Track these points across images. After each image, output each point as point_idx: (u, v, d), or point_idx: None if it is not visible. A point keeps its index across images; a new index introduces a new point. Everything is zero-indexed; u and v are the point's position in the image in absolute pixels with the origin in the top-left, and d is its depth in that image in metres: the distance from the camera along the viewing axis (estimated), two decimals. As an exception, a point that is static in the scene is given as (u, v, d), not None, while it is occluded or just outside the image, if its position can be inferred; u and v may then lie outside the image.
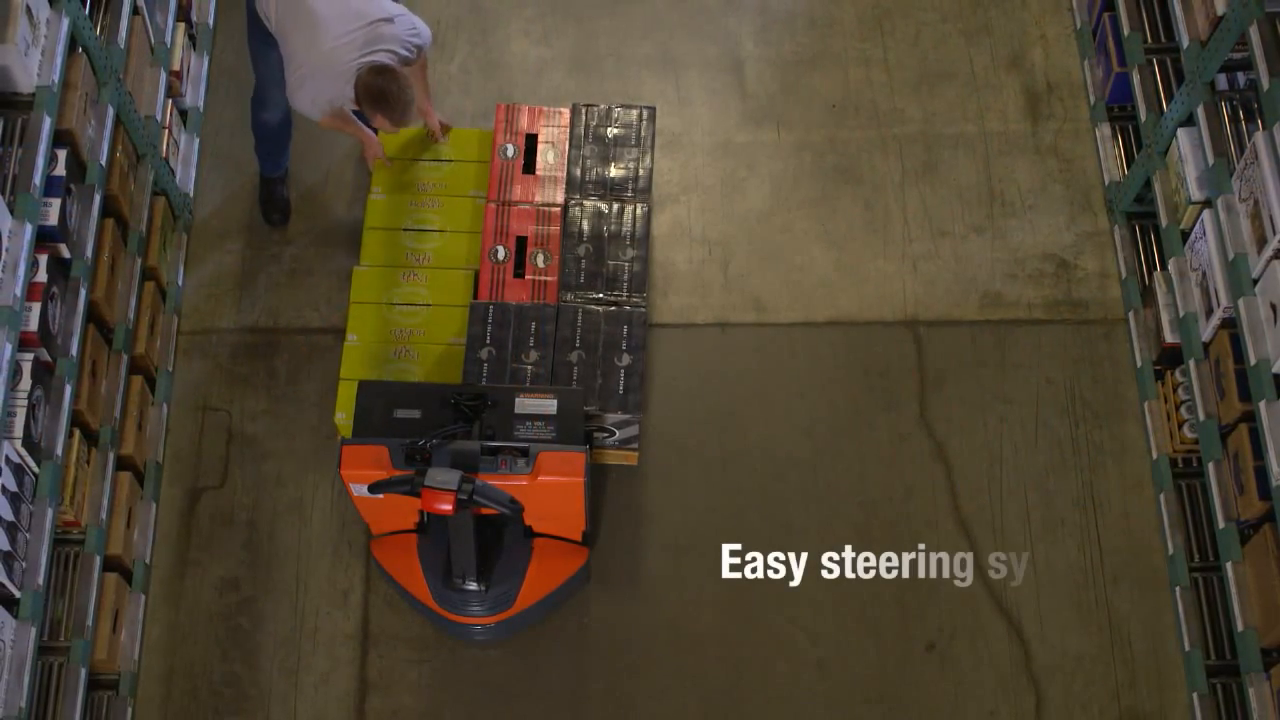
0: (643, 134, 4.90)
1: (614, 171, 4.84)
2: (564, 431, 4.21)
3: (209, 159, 5.46)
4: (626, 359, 4.54)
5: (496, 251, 4.69)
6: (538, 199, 4.80)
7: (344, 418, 4.55)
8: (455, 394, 4.19)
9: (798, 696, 4.57)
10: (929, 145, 5.49)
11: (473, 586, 4.31)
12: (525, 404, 4.23)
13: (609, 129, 4.89)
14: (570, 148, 4.86)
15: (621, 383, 4.51)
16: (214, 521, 4.82)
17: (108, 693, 4.40)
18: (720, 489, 4.86)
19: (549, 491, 4.11)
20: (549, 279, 4.69)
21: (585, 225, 4.74)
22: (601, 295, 4.65)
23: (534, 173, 4.85)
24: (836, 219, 5.37)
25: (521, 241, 4.74)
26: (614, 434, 4.59)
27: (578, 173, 4.82)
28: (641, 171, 4.85)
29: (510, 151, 4.85)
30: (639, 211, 4.78)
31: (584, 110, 4.91)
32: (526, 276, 4.69)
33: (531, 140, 4.90)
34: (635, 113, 4.93)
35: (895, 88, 5.63)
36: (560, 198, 4.80)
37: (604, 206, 4.76)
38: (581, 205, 4.76)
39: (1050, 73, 5.63)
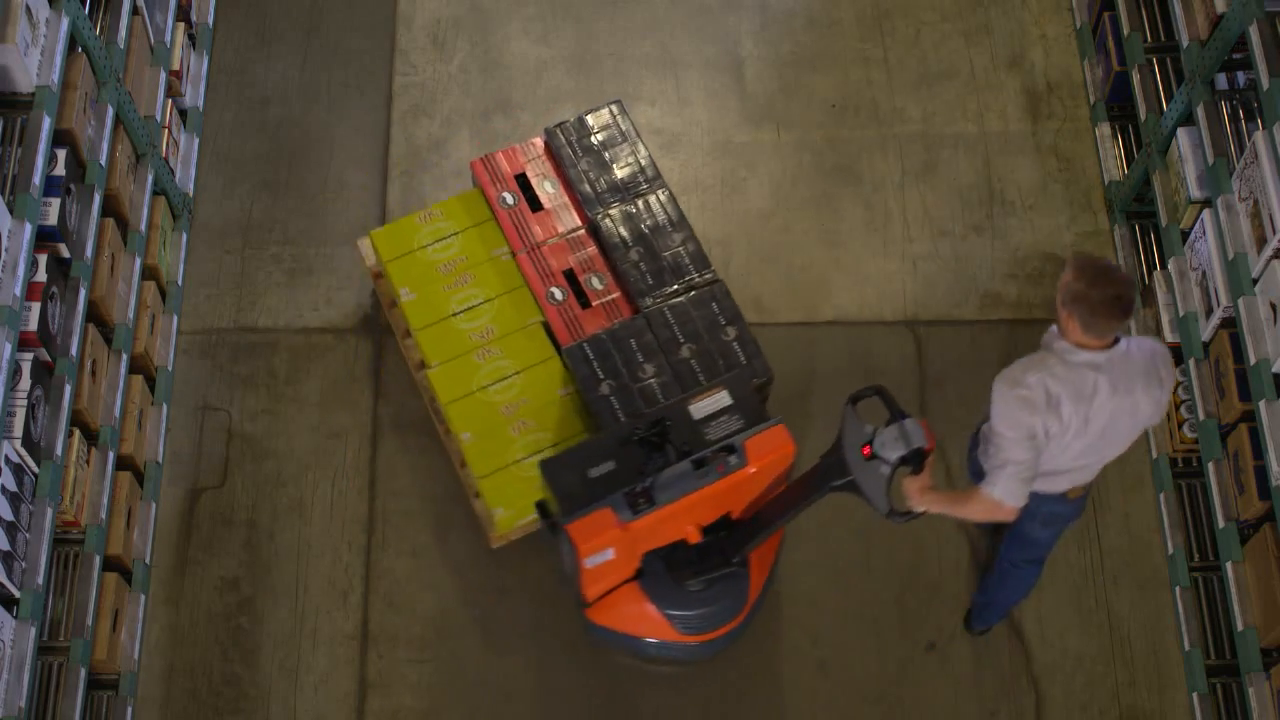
0: (624, 127, 4.88)
1: (619, 173, 4.82)
2: (748, 414, 4.21)
3: (209, 159, 5.46)
4: (731, 331, 4.55)
5: (553, 294, 4.62)
6: (560, 230, 4.75)
7: (504, 512, 4.43)
8: (634, 430, 4.15)
9: (798, 696, 4.57)
10: (929, 145, 5.49)
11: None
12: (701, 407, 4.22)
13: (592, 137, 4.85)
14: (566, 169, 4.80)
15: (741, 352, 4.52)
16: (214, 521, 4.82)
17: (108, 692, 4.40)
18: (720, 489, 4.86)
19: (769, 472, 4.11)
20: (614, 295, 4.65)
21: (623, 231, 4.71)
22: (676, 286, 4.63)
23: (543, 208, 4.78)
24: (836, 219, 5.37)
25: (570, 275, 4.68)
26: None
27: (588, 189, 4.78)
28: (643, 162, 4.83)
29: (510, 199, 4.76)
30: (662, 197, 4.77)
31: (558, 131, 4.85)
32: (593, 304, 4.63)
33: (523, 180, 4.82)
34: (606, 113, 4.90)
35: (895, 87, 5.63)
36: (580, 220, 4.76)
37: (629, 208, 4.74)
38: (609, 215, 4.73)
39: (1050, 72, 5.63)
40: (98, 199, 4.32)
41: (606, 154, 4.84)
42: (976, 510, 3.64)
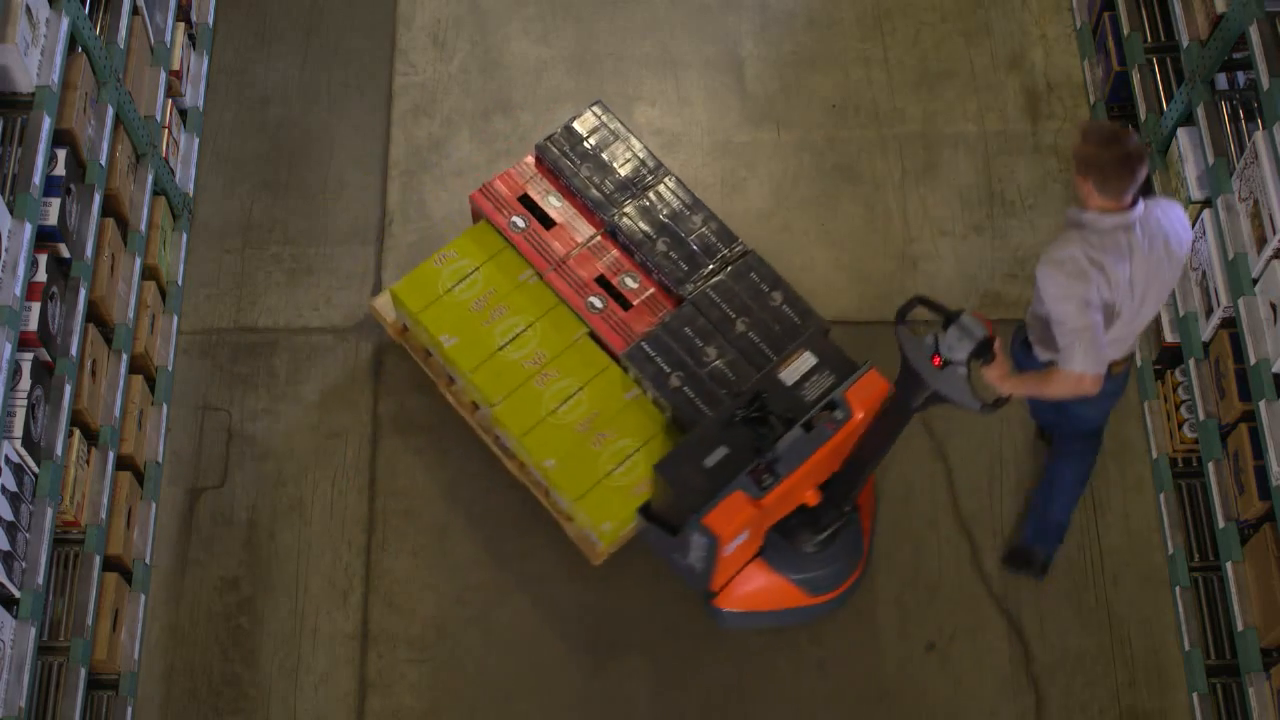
0: (612, 126, 4.87)
1: (622, 171, 4.81)
2: (835, 367, 4.35)
3: (209, 159, 5.46)
4: (777, 296, 4.60)
5: (592, 304, 4.60)
6: (579, 240, 4.72)
7: (610, 525, 4.39)
8: (735, 412, 4.21)
9: (798, 696, 4.57)
10: (929, 145, 5.49)
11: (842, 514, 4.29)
12: (790, 373, 4.34)
13: (584, 143, 4.82)
14: (568, 179, 4.77)
15: (793, 313, 4.58)
16: (214, 521, 4.82)
17: (108, 692, 4.40)
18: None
19: (872, 416, 4.18)
20: (650, 290, 4.65)
21: (644, 226, 4.70)
22: (711, 266, 4.65)
23: (555, 224, 4.75)
24: (836, 219, 5.37)
25: (602, 281, 4.67)
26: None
27: (596, 193, 4.76)
28: (641, 155, 4.83)
29: (521, 222, 4.72)
30: (671, 184, 4.78)
31: (549, 144, 4.82)
32: (634, 303, 4.63)
33: (526, 200, 4.78)
34: (590, 116, 4.88)
35: (895, 87, 5.63)
36: (594, 228, 4.75)
37: (642, 202, 4.74)
38: (625, 214, 4.72)
39: (1050, 72, 5.63)
40: (98, 199, 4.32)
41: (604, 155, 4.83)
42: (1060, 387, 3.72)
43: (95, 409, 4.34)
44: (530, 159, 4.86)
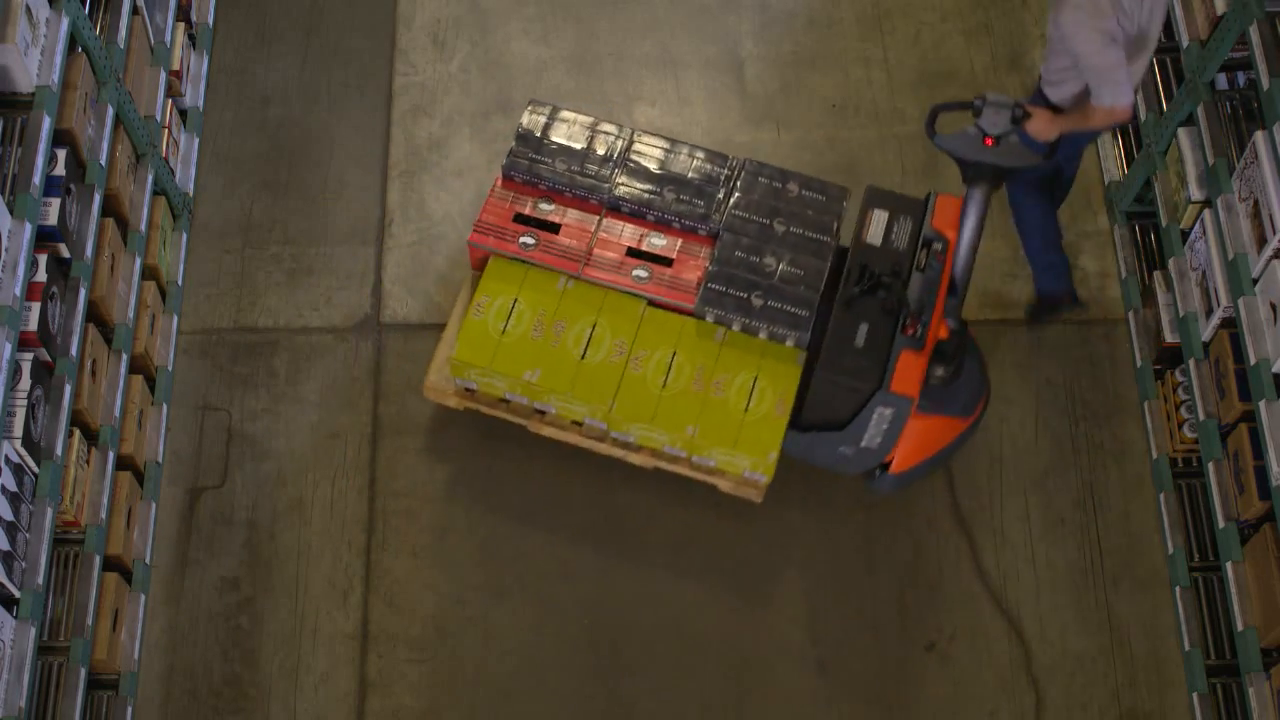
0: (565, 116, 4.86)
1: (595, 149, 4.80)
2: (907, 210, 4.57)
3: (209, 159, 5.46)
4: (793, 186, 4.75)
5: (638, 276, 4.63)
6: (591, 228, 4.72)
7: (773, 455, 4.45)
8: (850, 291, 4.41)
9: (798, 696, 4.57)
10: (929, 145, 5.49)
11: (954, 323, 4.38)
12: (873, 235, 4.52)
13: (544, 142, 4.80)
14: (549, 181, 4.74)
15: (817, 193, 4.74)
16: (214, 521, 4.82)
17: (108, 692, 4.40)
18: (720, 489, 4.86)
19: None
20: (680, 240, 4.71)
21: (642, 185, 4.74)
22: (721, 191, 4.73)
23: (560, 225, 4.73)
24: (836, 219, 5.37)
25: (633, 252, 4.70)
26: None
27: (584, 179, 4.75)
28: (606, 127, 4.85)
29: (529, 239, 4.71)
30: (644, 139, 4.84)
31: (515, 158, 4.76)
32: (675, 258, 4.68)
33: (523, 217, 4.76)
34: (535, 116, 4.85)
35: (895, 87, 5.63)
36: (595, 212, 4.74)
37: (629, 165, 4.77)
38: (619, 184, 4.74)
39: (1050, 72, 5.63)
40: (98, 199, 4.32)
41: (569, 143, 4.82)
42: (1098, 121, 4.13)
43: (95, 409, 4.34)
44: (498, 182, 4.82)
